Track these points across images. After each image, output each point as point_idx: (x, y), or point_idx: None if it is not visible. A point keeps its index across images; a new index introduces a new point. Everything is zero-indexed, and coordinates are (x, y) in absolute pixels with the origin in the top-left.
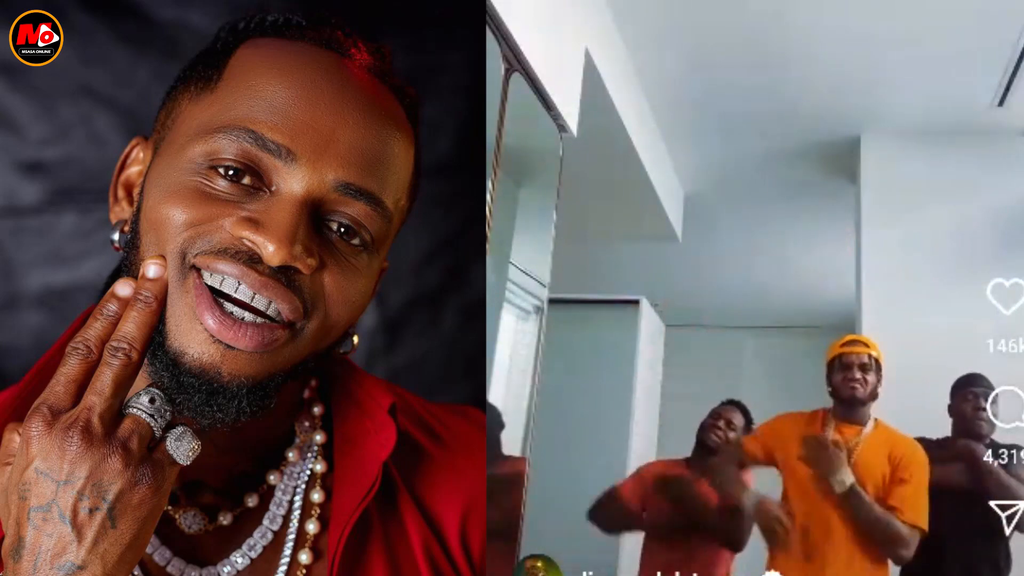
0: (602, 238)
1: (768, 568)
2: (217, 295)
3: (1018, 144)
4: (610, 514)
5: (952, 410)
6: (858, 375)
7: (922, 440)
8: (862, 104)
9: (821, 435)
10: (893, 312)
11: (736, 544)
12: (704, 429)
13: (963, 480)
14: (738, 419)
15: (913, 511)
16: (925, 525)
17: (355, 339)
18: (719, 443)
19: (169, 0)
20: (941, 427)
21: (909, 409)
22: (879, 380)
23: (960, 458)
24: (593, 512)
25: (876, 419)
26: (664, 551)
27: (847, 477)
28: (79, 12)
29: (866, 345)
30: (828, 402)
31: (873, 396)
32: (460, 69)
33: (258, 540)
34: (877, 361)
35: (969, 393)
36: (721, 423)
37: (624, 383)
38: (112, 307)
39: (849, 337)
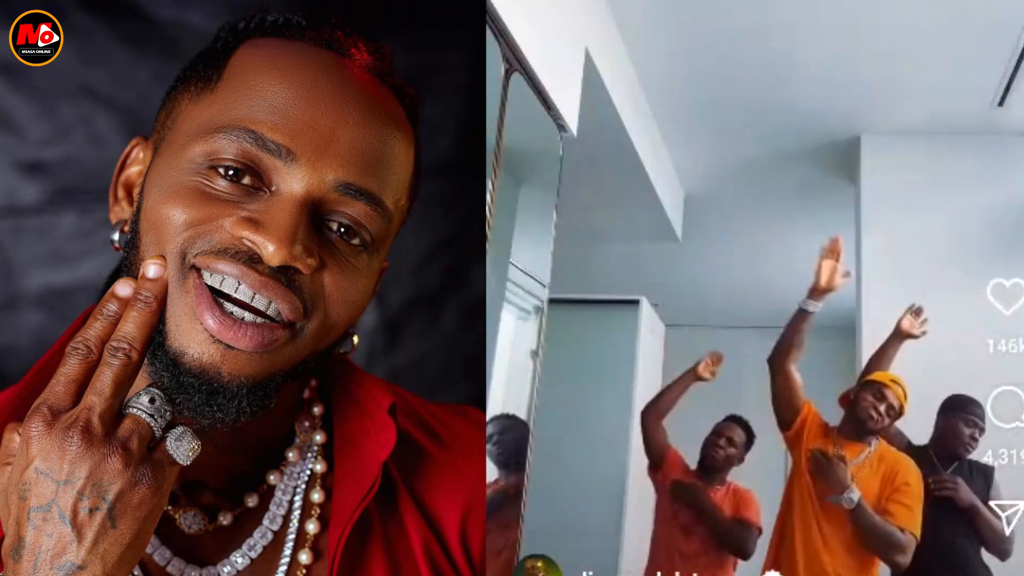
0: (602, 238)
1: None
2: (217, 295)
3: (1018, 144)
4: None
5: (939, 427)
6: (883, 409)
7: (919, 449)
8: (862, 104)
9: (829, 451)
10: (893, 312)
11: (744, 553)
12: (706, 446)
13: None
14: (739, 436)
15: (908, 520)
16: (918, 532)
17: (355, 339)
18: (719, 461)
19: (169, 0)
20: None
21: (909, 408)
22: (892, 422)
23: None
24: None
25: (880, 439)
26: (679, 541)
27: (854, 494)
28: (79, 12)
29: (905, 393)
30: (823, 401)
31: (881, 431)
32: (460, 69)
33: (258, 540)
34: (902, 409)
35: (961, 421)
36: (722, 441)
37: (624, 383)
38: (112, 307)
39: (893, 377)
